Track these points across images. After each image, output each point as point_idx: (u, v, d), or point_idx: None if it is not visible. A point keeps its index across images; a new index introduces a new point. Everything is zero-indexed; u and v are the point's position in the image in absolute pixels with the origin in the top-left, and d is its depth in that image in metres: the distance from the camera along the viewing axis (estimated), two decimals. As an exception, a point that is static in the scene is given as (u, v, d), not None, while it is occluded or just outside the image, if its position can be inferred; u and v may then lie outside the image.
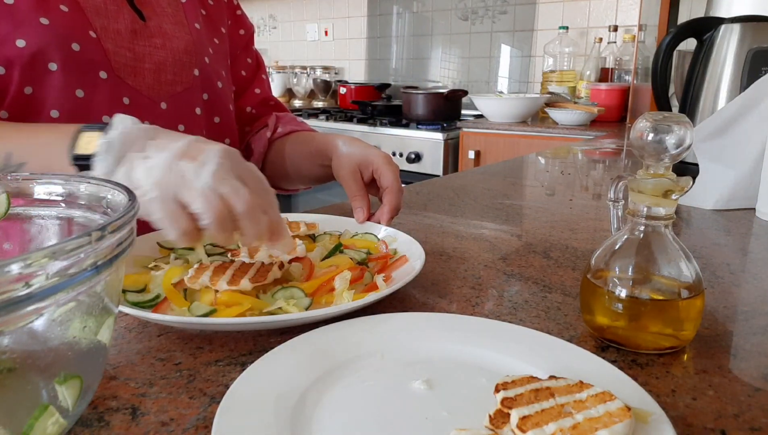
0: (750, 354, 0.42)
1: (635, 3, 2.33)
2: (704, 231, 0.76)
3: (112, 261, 0.29)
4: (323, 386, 0.36)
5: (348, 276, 0.49)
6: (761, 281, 0.57)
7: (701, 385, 0.38)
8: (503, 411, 0.31)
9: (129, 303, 0.46)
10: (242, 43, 0.93)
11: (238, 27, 0.92)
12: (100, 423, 0.34)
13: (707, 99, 1.07)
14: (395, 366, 0.38)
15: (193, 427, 0.33)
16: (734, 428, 0.34)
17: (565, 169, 1.29)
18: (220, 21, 0.87)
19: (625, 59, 2.32)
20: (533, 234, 0.73)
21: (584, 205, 0.90)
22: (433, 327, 0.42)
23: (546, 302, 0.51)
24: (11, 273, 0.23)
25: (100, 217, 0.37)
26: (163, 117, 0.73)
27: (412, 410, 0.34)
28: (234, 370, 0.39)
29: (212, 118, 0.82)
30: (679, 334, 0.41)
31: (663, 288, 0.41)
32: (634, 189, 0.41)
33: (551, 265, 0.61)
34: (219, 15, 0.87)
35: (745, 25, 1.02)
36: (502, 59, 2.83)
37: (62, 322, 0.29)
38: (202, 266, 0.50)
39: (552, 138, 2.08)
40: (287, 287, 0.49)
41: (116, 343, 0.43)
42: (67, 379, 0.30)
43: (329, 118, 2.72)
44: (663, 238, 0.41)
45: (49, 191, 0.39)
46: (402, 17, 3.17)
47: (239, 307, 0.45)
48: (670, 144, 0.38)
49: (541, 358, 0.38)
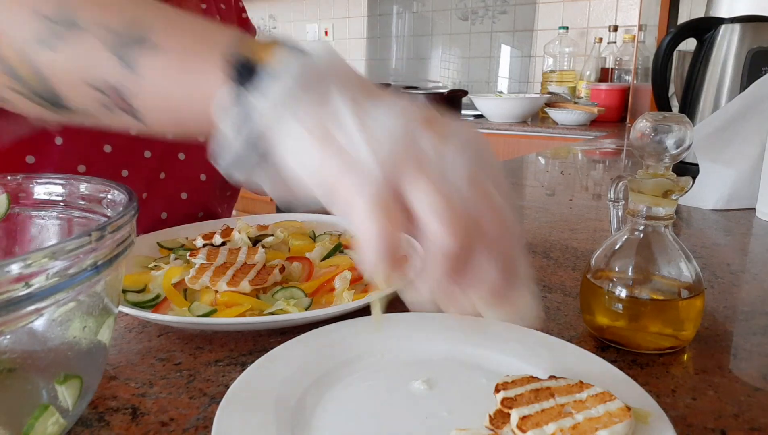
0: (750, 354, 0.42)
1: (635, 3, 2.32)
2: (704, 231, 0.76)
3: (112, 261, 0.29)
4: (323, 386, 0.36)
5: (348, 276, 0.49)
6: (761, 281, 0.57)
7: (701, 385, 0.38)
8: (503, 411, 0.31)
9: (129, 303, 0.46)
10: None
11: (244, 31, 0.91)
12: (100, 423, 0.34)
13: (707, 99, 1.07)
14: (395, 366, 0.38)
15: (193, 427, 0.33)
16: (734, 428, 0.34)
17: (565, 169, 1.29)
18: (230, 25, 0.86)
19: (625, 59, 2.32)
20: (533, 234, 0.73)
21: (584, 205, 0.90)
22: (433, 327, 0.42)
23: (546, 302, 0.51)
24: (11, 273, 0.23)
25: (100, 217, 0.37)
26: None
27: (412, 410, 0.34)
28: (234, 370, 0.39)
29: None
30: (679, 334, 0.41)
31: (663, 288, 0.41)
32: (634, 189, 0.41)
33: (551, 265, 0.61)
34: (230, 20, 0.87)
35: (745, 25, 1.02)
36: (502, 59, 2.83)
37: (62, 322, 0.29)
38: (202, 266, 0.50)
39: (552, 138, 2.07)
40: (287, 287, 0.49)
41: (116, 343, 0.43)
42: (67, 379, 0.30)
43: (329, 118, 2.72)
44: (663, 238, 0.41)
45: (49, 191, 0.39)
46: (402, 17, 3.16)
47: (239, 308, 0.45)
48: (670, 144, 0.38)
49: (541, 358, 0.38)
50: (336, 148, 0.26)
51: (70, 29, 0.28)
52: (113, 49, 0.28)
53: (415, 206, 0.26)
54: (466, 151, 0.28)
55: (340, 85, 0.27)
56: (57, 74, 0.29)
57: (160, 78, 0.29)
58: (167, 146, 0.69)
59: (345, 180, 0.26)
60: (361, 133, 0.26)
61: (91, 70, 0.29)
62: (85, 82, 0.29)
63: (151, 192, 0.68)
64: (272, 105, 0.26)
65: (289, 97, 0.26)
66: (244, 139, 0.27)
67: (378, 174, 0.25)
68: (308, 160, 0.27)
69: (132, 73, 0.28)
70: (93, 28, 0.28)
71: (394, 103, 0.28)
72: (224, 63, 0.28)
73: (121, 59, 0.28)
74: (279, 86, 0.26)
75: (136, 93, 0.29)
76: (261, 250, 0.54)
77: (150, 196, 0.68)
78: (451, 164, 0.27)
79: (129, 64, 0.28)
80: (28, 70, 0.29)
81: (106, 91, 0.29)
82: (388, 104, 0.28)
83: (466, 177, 0.27)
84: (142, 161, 0.66)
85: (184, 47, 0.29)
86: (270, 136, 0.27)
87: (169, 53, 0.29)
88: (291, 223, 0.66)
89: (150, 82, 0.29)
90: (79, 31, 0.28)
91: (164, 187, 0.69)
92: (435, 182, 0.26)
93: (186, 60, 0.29)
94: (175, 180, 0.70)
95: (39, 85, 0.30)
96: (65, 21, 0.28)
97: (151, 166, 0.67)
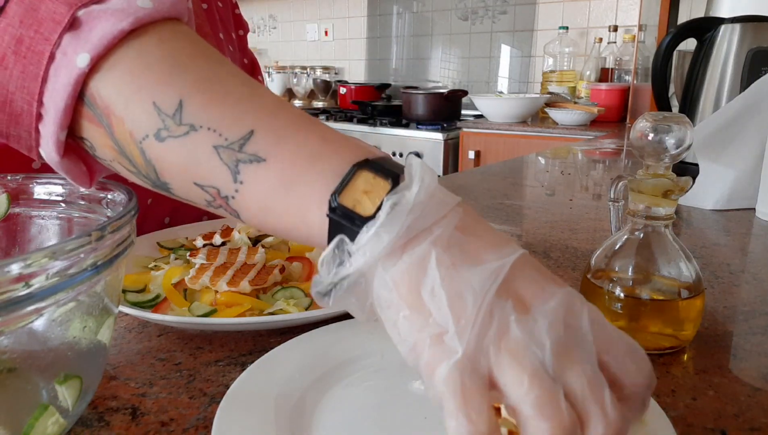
0: (750, 354, 0.42)
1: (635, 3, 2.33)
2: (704, 231, 0.76)
3: (112, 261, 0.29)
4: (323, 386, 0.36)
5: (348, 276, 0.49)
6: (761, 281, 0.57)
7: (701, 385, 0.38)
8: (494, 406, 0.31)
9: (129, 303, 0.46)
10: (242, 44, 0.92)
11: (237, 27, 0.91)
12: (100, 423, 0.34)
13: (707, 99, 1.07)
14: (395, 366, 0.38)
15: (193, 427, 0.33)
16: (734, 428, 0.34)
17: (565, 169, 1.29)
18: (228, 24, 0.86)
19: (625, 59, 2.32)
20: (533, 234, 0.73)
21: (584, 205, 0.90)
22: (433, 327, 0.42)
23: (546, 302, 0.51)
24: (11, 273, 0.23)
25: (100, 217, 0.37)
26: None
27: (411, 410, 0.34)
28: (234, 370, 0.39)
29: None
30: (679, 334, 0.41)
31: (663, 288, 0.41)
32: (634, 189, 0.41)
33: (551, 265, 0.61)
34: (227, 18, 0.86)
35: (745, 25, 1.02)
36: (502, 59, 2.83)
37: (62, 322, 0.29)
38: (202, 266, 0.50)
39: (552, 138, 2.07)
40: (287, 287, 0.49)
41: (116, 343, 0.43)
42: (67, 379, 0.30)
43: (329, 118, 2.73)
44: (663, 238, 0.41)
45: (49, 191, 0.39)
46: (402, 17, 3.16)
47: (239, 308, 0.45)
48: (670, 144, 0.38)
49: (541, 358, 0.38)
50: (425, 321, 0.25)
51: (182, 127, 0.29)
52: (224, 158, 0.29)
53: (508, 395, 0.24)
54: (588, 345, 0.25)
55: (440, 249, 0.26)
56: (166, 167, 0.30)
57: (263, 194, 0.29)
58: None
59: (431, 356, 0.25)
60: (451, 310, 0.25)
61: (199, 172, 0.29)
62: (192, 181, 0.30)
63: (156, 198, 0.68)
64: (369, 261, 0.26)
65: (388, 256, 0.26)
66: (336, 280, 0.27)
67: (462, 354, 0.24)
68: (396, 327, 0.27)
69: (238, 183, 0.29)
70: (206, 133, 0.29)
71: (493, 273, 0.26)
72: (324, 202, 0.28)
73: (230, 170, 0.29)
74: (378, 245, 0.26)
75: (239, 200, 0.30)
76: (261, 250, 0.54)
77: (155, 202, 0.68)
78: (577, 366, 0.24)
79: (237, 176, 0.29)
80: (140, 158, 0.30)
81: (212, 193, 0.30)
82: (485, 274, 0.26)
83: (575, 371, 0.24)
84: None
85: (292, 164, 0.29)
86: (362, 288, 0.27)
87: (276, 170, 0.29)
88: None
89: (253, 193, 0.29)
90: (192, 132, 0.29)
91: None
92: (534, 378, 0.23)
93: (291, 180, 0.29)
94: None
95: (148, 172, 0.31)
96: (180, 119, 0.29)
97: None
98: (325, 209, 0.28)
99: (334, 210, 0.28)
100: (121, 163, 0.31)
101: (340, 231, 0.27)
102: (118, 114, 0.29)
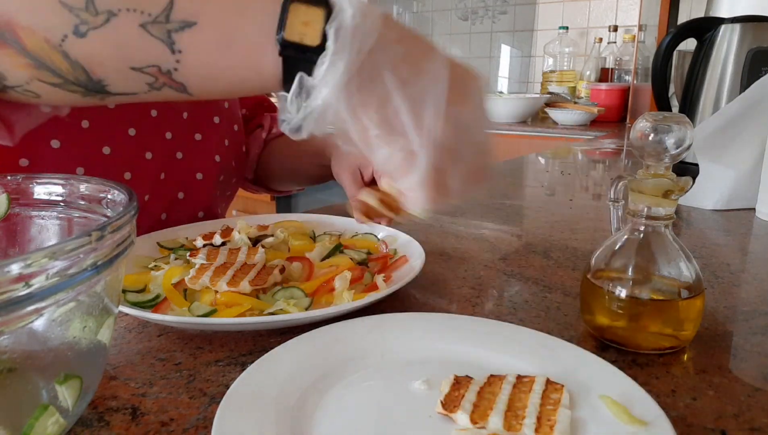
0: (750, 354, 0.42)
1: (635, 3, 2.32)
2: (704, 231, 0.76)
3: (112, 261, 0.29)
4: (323, 386, 0.36)
5: (348, 276, 0.49)
6: (761, 281, 0.57)
7: (701, 385, 0.38)
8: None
9: (129, 303, 0.46)
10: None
11: None
12: (100, 423, 0.34)
13: (707, 99, 1.07)
14: (395, 366, 0.38)
15: (193, 427, 0.33)
16: (734, 428, 0.34)
17: (565, 169, 1.29)
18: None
19: (625, 59, 2.32)
20: (533, 234, 0.73)
21: (584, 205, 0.90)
22: (433, 327, 0.42)
23: (546, 302, 0.51)
24: (11, 273, 0.23)
25: (100, 217, 0.37)
26: (185, 125, 0.72)
27: (412, 410, 0.34)
28: (234, 370, 0.39)
29: (232, 126, 0.79)
30: (679, 334, 0.41)
31: (663, 288, 0.41)
32: (634, 189, 0.41)
33: (551, 265, 0.61)
34: None
35: (745, 25, 1.02)
36: (502, 59, 2.83)
37: (62, 322, 0.29)
38: (202, 267, 0.50)
39: (552, 138, 2.07)
40: (287, 287, 0.49)
41: (116, 343, 0.43)
42: (67, 379, 0.30)
43: (329, 118, 2.72)
44: (663, 238, 0.41)
45: (49, 191, 0.39)
46: (402, 17, 3.16)
47: (239, 308, 0.45)
48: (670, 144, 0.38)
49: (541, 358, 0.38)
50: (394, 138, 0.31)
51: (100, 17, 0.28)
52: (154, 32, 0.28)
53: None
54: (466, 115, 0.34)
55: (390, 66, 0.30)
56: (95, 61, 0.29)
57: (206, 55, 0.29)
58: (167, 146, 0.69)
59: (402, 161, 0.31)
60: (415, 123, 0.30)
61: (133, 55, 0.29)
62: (128, 67, 0.29)
63: (153, 193, 0.68)
64: (333, 90, 0.28)
65: (346, 82, 0.28)
66: (306, 113, 0.29)
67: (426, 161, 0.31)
68: (369, 145, 0.31)
69: (177, 53, 0.29)
70: (127, 14, 0.28)
71: (436, 78, 0.32)
72: (277, 46, 0.29)
73: (164, 42, 0.28)
74: (336, 73, 0.28)
75: (182, 70, 0.29)
76: (261, 250, 0.54)
77: (152, 198, 0.68)
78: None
79: (173, 46, 0.29)
80: (61, 61, 0.29)
81: (152, 72, 0.29)
82: (431, 77, 0.32)
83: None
84: (143, 163, 0.66)
85: (224, 18, 0.29)
86: (330, 116, 0.30)
87: (210, 29, 0.29)
88: (291, 223, 0.66)
89: (195, 58, 0.29)
90: (112, 18, 0.28)
91: (164, 187, 0.69)
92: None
93: (229, 34, 0.29)
94: (173, 180, 0.70)
95: (75, 75, 0.29)
96: (94, 9, 0.28)
97: (153, 167, 0.67)
98: (275, 52, 0.29)
99: (285, 48, 0.29)
100: (42, 78, 0.29)
101: (296, 68, 0.29)
102: (25, 24, 0.28)
